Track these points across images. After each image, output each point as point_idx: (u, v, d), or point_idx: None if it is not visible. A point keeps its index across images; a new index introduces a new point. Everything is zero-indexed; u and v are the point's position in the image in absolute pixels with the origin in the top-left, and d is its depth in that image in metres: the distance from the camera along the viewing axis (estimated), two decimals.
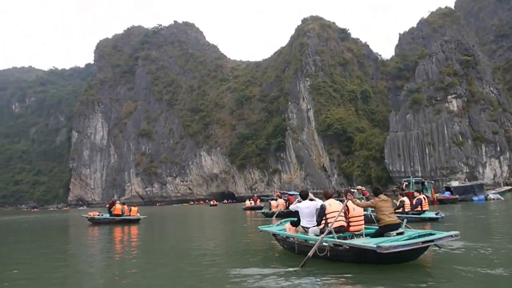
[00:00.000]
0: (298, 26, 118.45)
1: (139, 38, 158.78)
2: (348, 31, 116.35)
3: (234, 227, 19.84)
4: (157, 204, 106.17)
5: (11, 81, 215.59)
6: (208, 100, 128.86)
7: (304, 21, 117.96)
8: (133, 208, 24.18)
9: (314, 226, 7.94)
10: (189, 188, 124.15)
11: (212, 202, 77.99)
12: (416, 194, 18.19)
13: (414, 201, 16.83)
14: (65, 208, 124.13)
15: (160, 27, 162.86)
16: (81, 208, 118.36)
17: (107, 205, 25.04)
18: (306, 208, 8.26)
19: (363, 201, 15.43)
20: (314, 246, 6.91)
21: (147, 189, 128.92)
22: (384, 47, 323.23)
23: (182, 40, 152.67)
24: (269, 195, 79.33)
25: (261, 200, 45.77)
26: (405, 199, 16.47)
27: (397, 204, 16.12)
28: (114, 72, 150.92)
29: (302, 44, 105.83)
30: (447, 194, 33.28)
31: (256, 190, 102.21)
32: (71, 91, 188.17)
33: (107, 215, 23.78)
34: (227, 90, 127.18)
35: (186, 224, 23.95)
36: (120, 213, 23.15)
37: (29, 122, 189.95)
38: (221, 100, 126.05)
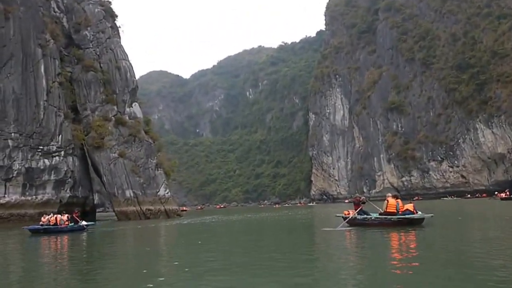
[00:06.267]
0: None
1: None
2: None
3: None
4: (415, 198, 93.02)
5: (243, 65, 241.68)
6: (482, 50, 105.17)
7: None
8: (408, 204, 19.94)
9: None
10: (462, 176, 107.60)
11: (503, 195, 63.41)
12: None
13: None
14: (300, 204, 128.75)
15: None
16: (310, 204, 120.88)
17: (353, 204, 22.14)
18: None
19: None
20: None
21: (404, 179, 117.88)
22: None
23: None
24: None
25: None
26: None
27: None
28: (350, 35, 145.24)
29: None
30: None
31: None
32: (304, 67, 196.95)
33: (375, 214, 20.34)
34: (510, 31, 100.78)
35: (483, 226, 19.21)
36: (394, 210, 19.21)
37: (264, 108, 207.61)
38: (501, 46, 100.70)
